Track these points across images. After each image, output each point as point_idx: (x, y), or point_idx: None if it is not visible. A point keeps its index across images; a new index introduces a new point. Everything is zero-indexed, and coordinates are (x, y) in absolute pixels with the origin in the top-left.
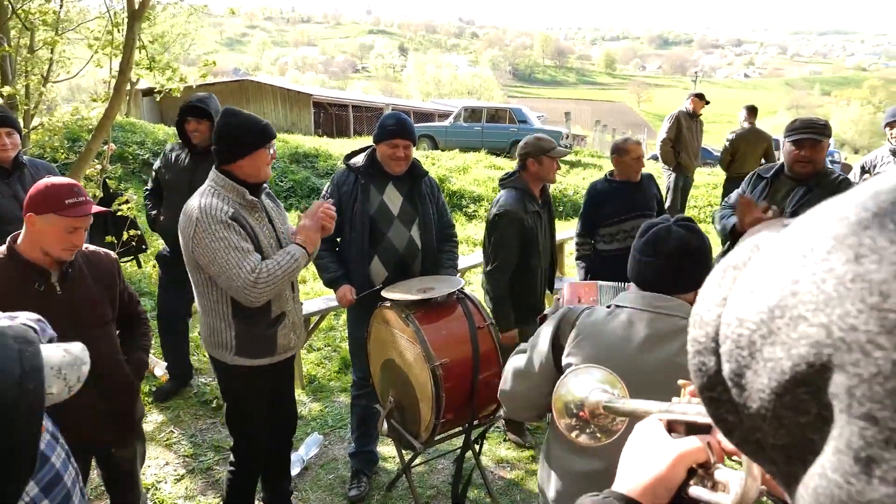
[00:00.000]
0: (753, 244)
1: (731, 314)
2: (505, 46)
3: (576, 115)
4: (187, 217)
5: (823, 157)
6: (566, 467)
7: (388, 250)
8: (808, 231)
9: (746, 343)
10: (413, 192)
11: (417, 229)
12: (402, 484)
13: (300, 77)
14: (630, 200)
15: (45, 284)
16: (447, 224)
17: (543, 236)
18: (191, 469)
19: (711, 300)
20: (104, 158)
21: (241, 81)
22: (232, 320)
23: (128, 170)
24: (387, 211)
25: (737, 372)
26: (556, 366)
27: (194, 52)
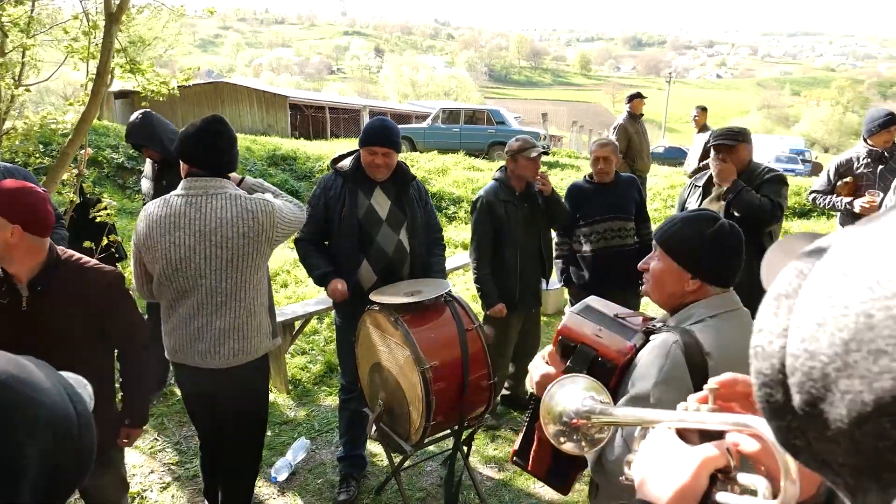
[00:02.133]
0: (798, 270)
1: (798, 346)
2: (481, 47)
3: (552, 116)
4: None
5: (741, 158)
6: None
7: (377, 254)
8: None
9: (819, 376)
10: (401, 197)
11: (406, 233)
12: (391, 487)
13: (275, 79)
14: (605, 202)
15: (11, 298)
16: (435, 228)
17: (522, 229)
18: (177, 476)
19: (771, 331)
20: (81, 163)
21: (216, 84)
22: (268, 308)
23: (102, 174)
24: (375, 215)
25: (810, 402)
26: None
27: (168, 54)
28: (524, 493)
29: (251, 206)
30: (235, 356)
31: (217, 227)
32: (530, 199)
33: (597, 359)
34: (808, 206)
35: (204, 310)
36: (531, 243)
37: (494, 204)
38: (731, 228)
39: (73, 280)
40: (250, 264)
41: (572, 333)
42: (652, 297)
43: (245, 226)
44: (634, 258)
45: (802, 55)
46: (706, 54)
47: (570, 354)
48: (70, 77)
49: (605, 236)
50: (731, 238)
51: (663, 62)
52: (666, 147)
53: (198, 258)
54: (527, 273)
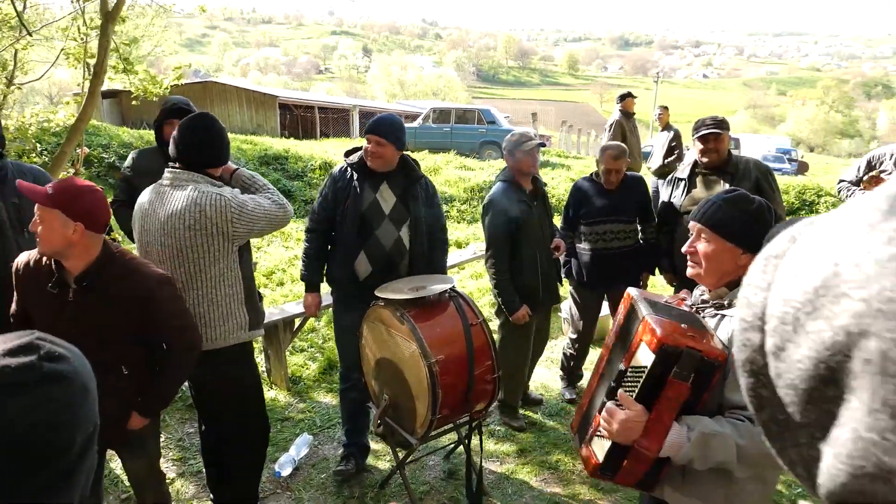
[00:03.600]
0: (790, 236)
1: (776, 296)
2: (469, 47)
3: (540, 116)
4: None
5: (725, 147)
6: None
7: (374, 247)
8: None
9: (791, 319)
10: (407, 194)
11: (408, 230)
12: (394, 481)
13: (262, 78)
14: (607, 205)
15: (60, 290)
16: (440, 228)
17: (538, 225)
18: (181, 472)
19: (757, 285)
20: (77, 162)
21: (205, 83)
22: (243, 297)
23: (93, 173)
24: (378, 209)
25: (779, 346)
26: None
27: (154, 53)
28: (526, 485)
29: (201, 199)
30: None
31: (168, 218)
32: (539, 197)
33: (704, 360)
34: (797, 205)
35: None
36: (546, 242)
37: (509, 206)
38: (766, 204)
39: (119, 279)
40: (202, 256)
41: (674, 340)
42: (703, 278)
43: (192, 218)
44: (633, 257)
45: (788, 55)
46: (693, 54)
47: (673, 362)
48: (56, 77)
49: (605, 238)
50: (768, 212)
51: (650, 62)
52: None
53: (157, 245)
54: (546, 270)
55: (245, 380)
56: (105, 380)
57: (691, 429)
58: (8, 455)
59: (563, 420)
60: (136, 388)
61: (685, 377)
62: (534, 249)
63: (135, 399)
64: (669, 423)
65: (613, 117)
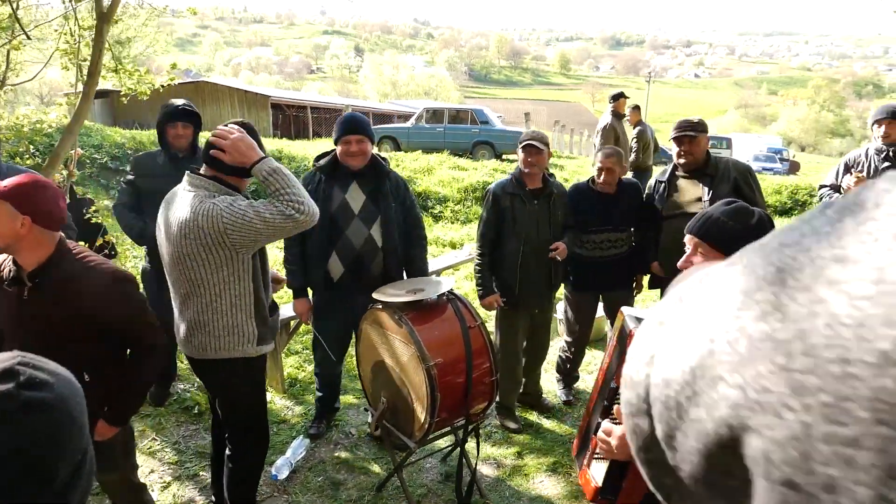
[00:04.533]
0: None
1: (658, 375)
2: (461, 47)
3: (533, 116)
4: (205, 216)
5: (701, 149)
6: None
7: (345, 248)
8: (722, 284)
9: (674, 405)
10: (376, 191)
11: (379, 228)
12: (391, 484)
13: (254, 78)
14: (604, 213)
15: (17, 286)
16: (414, 224)
17: (530, 225)
18: (177, 476)
19: (640, 359)
20: (71, 163)
21: (197, 83)
22: (252, 311)
23: (85, 174)
24: (347, 209)
25: (668, 434)
26: None
27: (146, 53)
28: (524, 488)
29: (197, 208)
30: (204, 350)
31: (170, 225)
32: (544, 197)
33: None
34: (789, 205)
35: (177, 298)
36: (541, 241)
37: (500, 195)
38: (765, 216)
39: (73, 277)
40: (202, 264)
41: None
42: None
43: (186, 227)
44: (627, 263)
45: (779, 55)
46: (684, 54)
47: None
48: (47, 77)
49: (601, 246)
50: (769, 225)
51: (642, 61)
52: None
53: (164, 250)
54: (530, 270)
55: (249, 394)
56: None
57: None
58: None
59: (561, 422)
60: (101, 395)
61: None
62: (518, 245)
63: (100, 407)
64: None
65: (605, 120)
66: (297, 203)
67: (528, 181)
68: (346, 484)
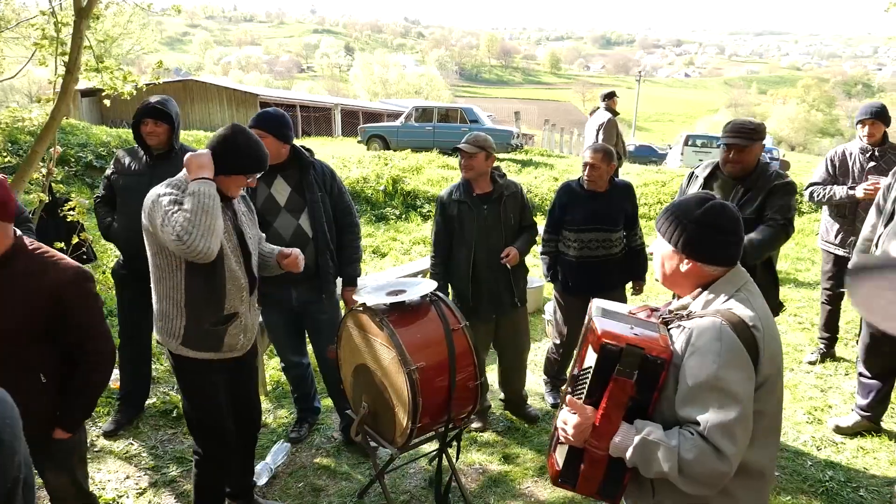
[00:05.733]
0: None
1: None
2: (451, 46)
3: (523, 115)
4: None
5: (752, 159)
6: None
7: (275, 239)
8: None
9: None
10: (302, 182)
11: (307, 217)
12: (374, 490)
13: (244, 77)
14: (593, 212)
15: None
16: (344, 211)
17: (478, 232)
18: (153, 482)
19: None
20: (50, 162)
21: (185, 81)
22: (183, 308)
23: (70, 173)
24: (273, 203)
25: None
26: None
27: (135, 51)
28: (510, 494)
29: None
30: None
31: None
32: (493, 201)
33: (646, 357)
34: None
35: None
36: (491, 247)
37: (446, 202)
38: (723, 208)
39: (27, 273)
40: (147, 244)
41: (614, 337)
42: (665, 284)
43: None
44: (618, 264)
45: (769, 54)
46: (674, 53)
47: (615, 359)
48: (35, 75)
49: (590, 246)
50: (721, 217)
51: (632, 61)
52: (637, 145)
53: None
54: (483, 277)
55: (184, 396)
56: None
57: (639, 433)
58: None
59: (547, 425)
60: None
61: (629, 374)
62: (468, 253)
63: (55, 410)
64: (618, 422)
65: (603, 117)
66: (185, 231)
67: (475, 186)
68: (327, 490)
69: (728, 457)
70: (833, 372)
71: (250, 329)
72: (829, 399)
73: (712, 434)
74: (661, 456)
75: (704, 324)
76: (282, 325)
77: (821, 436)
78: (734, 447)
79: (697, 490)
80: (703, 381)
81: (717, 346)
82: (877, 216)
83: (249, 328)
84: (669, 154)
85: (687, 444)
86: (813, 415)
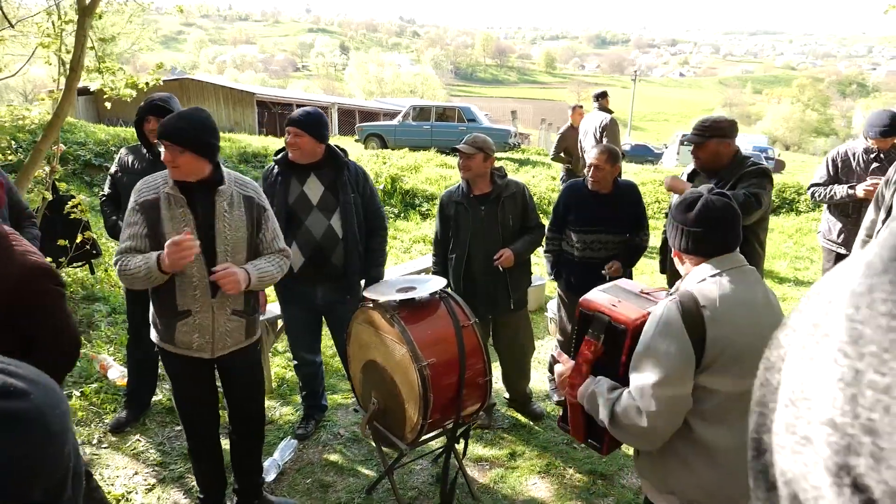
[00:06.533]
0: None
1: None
2: (446, 45)
3: (519, 114)
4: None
5: (709, 154)
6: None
7: (304, 238)
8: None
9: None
10: (336, 182)
11: (338, 218)
12: (382, 486)
13: (239, 76)
14: (598, 214)
15: None
16: (374, 214)
17: (474, 233)
18: (161, 478)
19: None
20: (54, 159)
21: (182, 80)
22: (152, 296)
23: (69, 171)
24: (306, 200)
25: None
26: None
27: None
28: (516, 491)
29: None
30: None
31: None
32: (491, 202)
33: (610, 324)
34: (777, 203)
35: None
36: (488, 248)
37: (445, 203)
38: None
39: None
40: None
41: (589, 304)
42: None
43: None
44: None
45: (763, 54)
46: (669, 53)
47: (588, 323)
48: (31, 73)
49: (592, 247)
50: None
51: (627, 60)
52: (632, 145)
53: None
54: (478, 278)
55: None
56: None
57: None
58: None
59: (552, 423)
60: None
61: (596, 336)
62: (463, 252)
63: None
64: (586, 375)
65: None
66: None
67: (474, 187)
68: (335, 486)
69: (645, 414)
70: None
71: (207, 331)
72: None
73: (635, 392)
74: (601, 404)
75: (664, 302)
76: (301, 322)
77: None
78: (652, 407)
79: (626, 439)
80: (640, 348)
81: (657, 318)
82: (876, 211)
83: (206, 330)
84: (665, 153)
85: (621, 399)
86: None
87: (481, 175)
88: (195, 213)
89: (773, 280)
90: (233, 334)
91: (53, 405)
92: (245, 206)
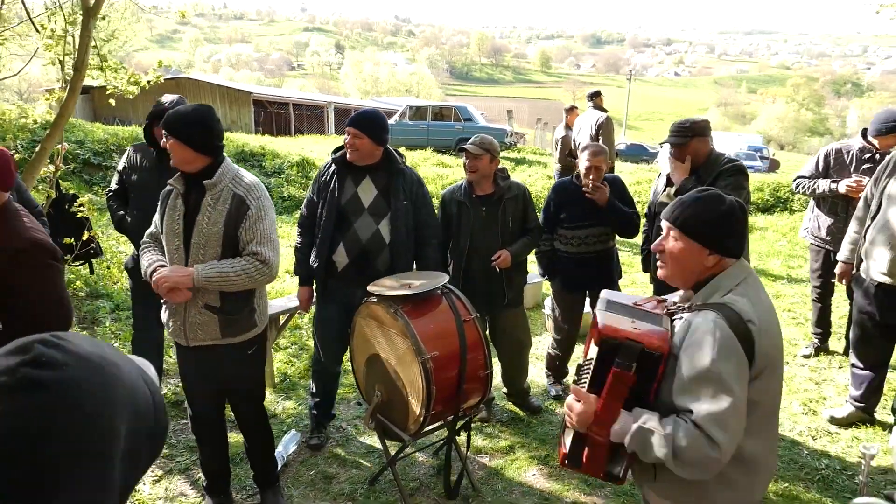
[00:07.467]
0: None
1: None
2: (442, 45)
3: (515, 113)
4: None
5: (691, 152)
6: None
7: (351, 240)
8: None
9: None
10: (389, 188)
11: (388, 224)
12: (384, 478)
13: (235, 75)
14: (590, 209)
15: None
16: (424, 223)
17: (474, 233)
18: (168, 470)
19: None
20: (58, 158)
21: (178, 79)
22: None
23: (68, 169)
24: (357, 202)
25: None
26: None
27: (125, 49)
28: (516, 482)
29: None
30: None
31: None
32: (493, 202)
33: (643, 351)
34: (771, 202)
35: None
36: (487, 248)
37: (447, 201)
38: (737, 204)
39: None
40: None
41: (613, 331)
42: (670, 278)
43: None
44: (612, 258)
45: (758, 53)
46: (664, 52)
47: (615, 352)
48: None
49: (587, 241)
50: (739, 212)
51: (622, 60)
52: (627, 144)
53: None
54: (475, 276)
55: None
56: None
57: (637, 420)
58: None
59: (552, 416)
60: None
61: (627, 367)
62: (461, 251)
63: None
64: (617, 411)
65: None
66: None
67: (476, 187)
68: (338, 477)
69: (719, 444)
70: (827, 365)
71: (181, 318)
72: (824, 391)
73: (705, 423)
74: (657, 442)
75: (703, 317)
76: (336, 324)
77: (816, 426)
78: (725, 436)
79: (691, 474)
80: (697, 372)
81: (712, 339)
82: (864, 210)
83: (180, 316)
84: (660, 152)
85: (681, 432)
86: (808, 406)
87: (486, 176)
88: (186, 204)
89: (767, 278)
90: (205, 328)
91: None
92: (231, 202)
